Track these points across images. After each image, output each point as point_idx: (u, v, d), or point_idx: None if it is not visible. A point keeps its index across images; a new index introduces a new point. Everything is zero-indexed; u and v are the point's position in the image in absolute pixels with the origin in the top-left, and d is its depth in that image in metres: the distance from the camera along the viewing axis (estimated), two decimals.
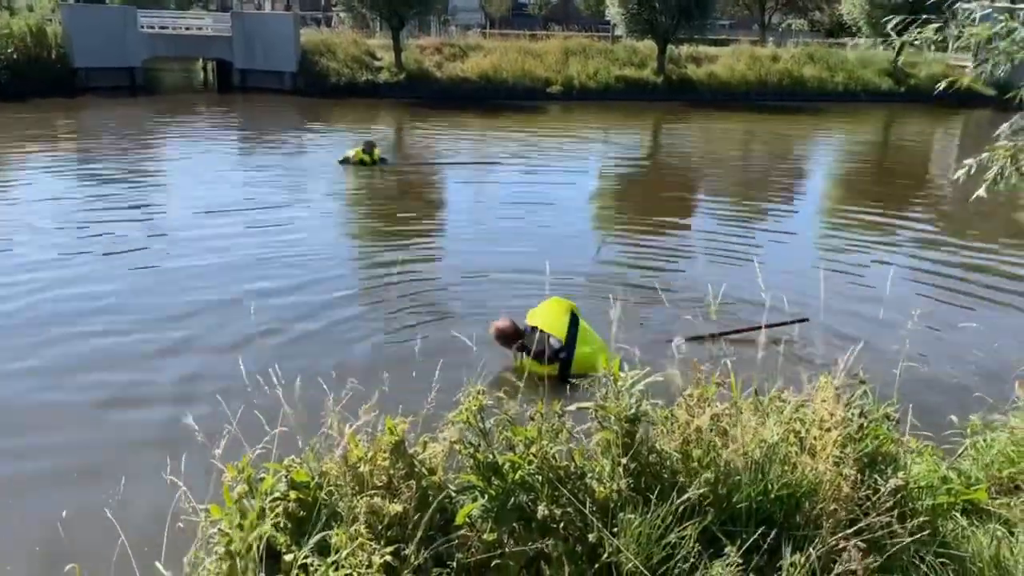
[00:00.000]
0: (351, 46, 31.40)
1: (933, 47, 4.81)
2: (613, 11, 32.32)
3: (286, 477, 2.93)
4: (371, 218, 12.65)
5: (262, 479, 2.91)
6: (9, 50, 25.77)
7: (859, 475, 3.08)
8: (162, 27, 30.68)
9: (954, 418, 4.13)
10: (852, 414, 3.22)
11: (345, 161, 15.35)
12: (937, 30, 4.49)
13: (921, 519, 3.03)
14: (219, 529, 2.83)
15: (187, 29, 31.46)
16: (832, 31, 46.66)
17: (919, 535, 2.94)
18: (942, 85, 5.21)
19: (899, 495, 3.02)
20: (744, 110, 29.93)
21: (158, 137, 19.62)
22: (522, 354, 5.88)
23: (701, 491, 2.85)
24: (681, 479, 2.94)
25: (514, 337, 6.07)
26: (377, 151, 15.48)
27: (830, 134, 26.68)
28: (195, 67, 37.27)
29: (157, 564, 2.78)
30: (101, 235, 10.45)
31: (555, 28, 39.06)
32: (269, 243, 10.38)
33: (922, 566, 2.96)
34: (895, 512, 2.95)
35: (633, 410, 2.98)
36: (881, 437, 3.29)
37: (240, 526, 2.80)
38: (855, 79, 34.98)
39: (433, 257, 10.28)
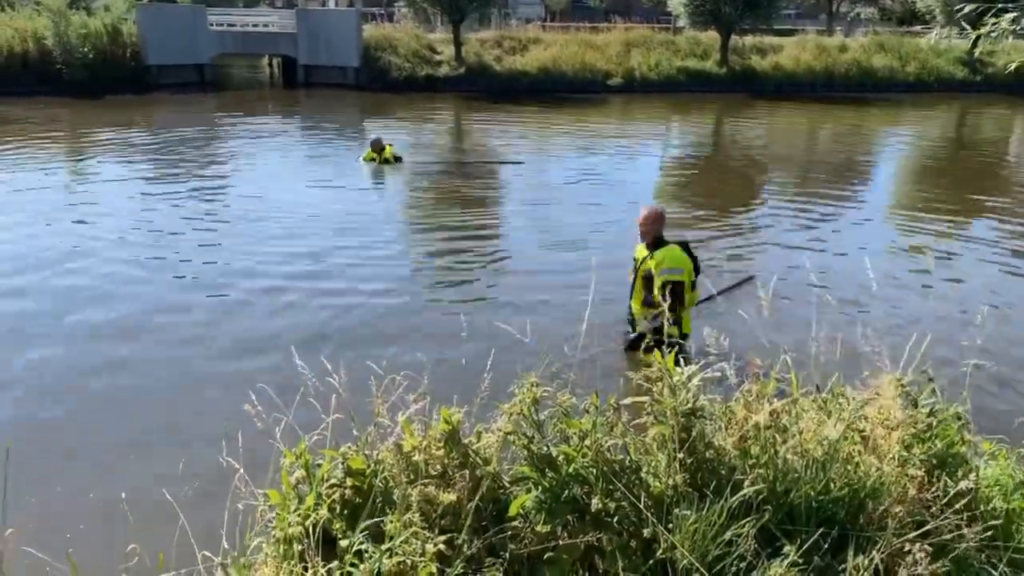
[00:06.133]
0: (412, 41, 31.70)
1: (1011, 36, 4.60)
2: (675, 2, 31.85)
3: (342, 464, 2.97)
4: (425, 211, 12.75)
5: (319, 465, 2.95)
6: (87, 49, 26.75)
7: (926, 476, 2.98)
8: (230, 24, 31.49)
9: None
10: (920, 413, 3.10)
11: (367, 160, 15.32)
12: (1014, 19, 4.29)
13: (993, 523, 2.90)
14: (277, 513, 2.88)
15: (254, 26, 32.21)
16: (904, 19, 45.09)
17: (990, 540, 2.81)
18: (1013, 66, 4.97)
19: (969, 498, 2.90)
20: (810, 101, 29.20)
21: (227, 132, 20.14)
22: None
23: (758, 488, 2.79)
24: (738, 476, 2.88)
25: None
26: (390, 149, 15.25)
27: (900, 126, 25.84)
28: (261, 63, 38.14)
29: (206, 553, 2.85)
30: (163, 230, 10.77)
31: (616, 20, 38.68)
32: (323, 234, 10.56)
33: (994, 572, 2.83)
34: (964, 515, 2.84)
35: (690, 405, 2.93)
36: (951, 437, 3.16)
37: (297, 511, 2.85)
38: (928, 69, 33.76)
39: (486, 249, 10.30)
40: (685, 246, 6.32)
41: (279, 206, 12.05)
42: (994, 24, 4.42)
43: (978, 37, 5.11)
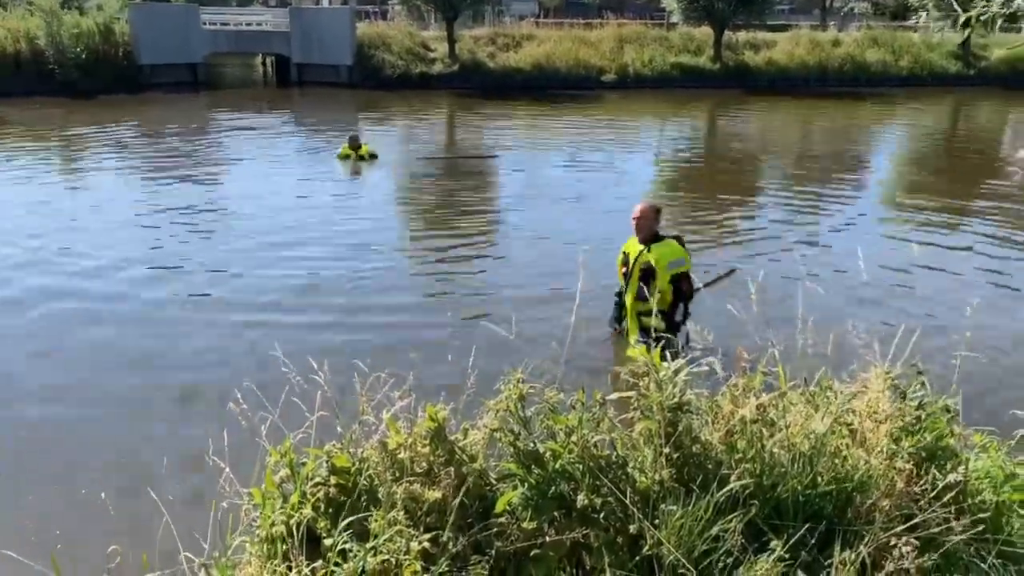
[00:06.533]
0: (406, 38, 31.64)
1: (1000, 20, 4.58)
2: None
3: (327, 462, 2.95)
4: (412, 208, 12.73)
5: (303, 464, 2.93)
6: (79, 49, 26.63)
7: (915, 469, 2.96)
8: (223, 23, 31.38)
9: (1020, 413, 3.93)
10: (908, 406, 3.09)
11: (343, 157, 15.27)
12: (1003, 3, 4.28)
13: (982, 516, 2.89)
14: (261, 512, 2.86)
15: (247, 25, 32.10)
16: (897, 13, 45.06)
17: (978, 532, 2.80)
18: (995, 56, 4.96)
19: (957, 490, 2.88)
20: (804, 96, 29.19)
21: (219, 131, 20.07)
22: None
23: (745, 482, 2.77)
24: (725, 470, 2.87)
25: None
26: (366, 147, 15.17)
27: (893, 121, 25.82)
28: (255, 62, 38.03)
29: (188, 555, 2.82)
30: (155, 229, 10.73)
31: (609, 16, 38.60)
32: (309, 232, 10.54)
33: (983, 565, 2.82)
34: (952, 508, 2.82)
35: (676, 399, 2.91)
36: (940, 430, 3.15)
37: (282, 510, 2.83)
38: (921, 63, 33.76)
39: (474, 245, 10.25)
40: (680, 240, 6.34)
41: (268, 205, 12.02)
42: (984, 7, 4.41)
43: (968, 20, 5.07)
